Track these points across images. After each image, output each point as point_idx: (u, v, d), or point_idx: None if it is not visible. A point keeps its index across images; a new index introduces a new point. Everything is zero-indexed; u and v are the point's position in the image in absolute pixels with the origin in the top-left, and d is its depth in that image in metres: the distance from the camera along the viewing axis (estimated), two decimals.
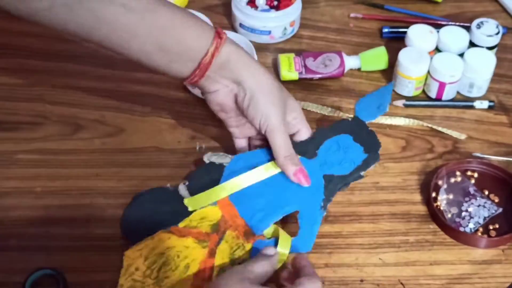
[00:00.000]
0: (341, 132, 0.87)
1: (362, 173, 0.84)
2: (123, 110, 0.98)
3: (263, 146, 0.86)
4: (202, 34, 0.80)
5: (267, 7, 1.10)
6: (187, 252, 0.78)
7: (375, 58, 1.05)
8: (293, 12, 1.08)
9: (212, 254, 0.77)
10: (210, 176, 0.84)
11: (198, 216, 0.81)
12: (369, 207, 0.88)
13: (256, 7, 1.10)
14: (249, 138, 0.90)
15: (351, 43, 1.11)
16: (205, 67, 0.80)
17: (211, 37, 0.80)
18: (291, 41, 1.11)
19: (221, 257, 0.78)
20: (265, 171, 0.83)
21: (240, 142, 0.89)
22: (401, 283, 0.81)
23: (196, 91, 0.97)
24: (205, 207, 0.82)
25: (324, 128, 0.89)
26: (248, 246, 0.79)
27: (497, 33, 1.03)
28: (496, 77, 1.03)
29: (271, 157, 0.83)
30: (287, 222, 0.84)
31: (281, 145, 0.82)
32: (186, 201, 0.82)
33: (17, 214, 0.85)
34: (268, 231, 0.81)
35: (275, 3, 1.10)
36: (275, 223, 0.82)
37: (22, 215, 0.85)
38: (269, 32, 1.08)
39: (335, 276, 0.81)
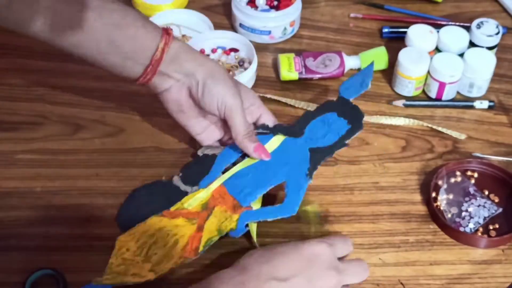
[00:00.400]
0: (326, 111, 0.88)
1: (347, 141, 0.85)
2: (123, 110, 0.98)
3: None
4: (152, 32, 0.82)
5: (267, 7, 1.10)
6: (177, 230, 0.80)
7: (375, 58, 1.04)
8: (293, 12, 1.08)
9: (200, 229, 0.79)
10: (203, 166, 0.86)
11: (188, 199, 0.83)
12: (369, 207, 0.88)
13: (256, 7, 1.10)
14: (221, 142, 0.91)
15: (351, 43, 1.11)
16: (156, 63, 0.82)
17: (159, 34, 0.82)
18: (291, 41, 1.11)
19: (209, 230, 0.79)
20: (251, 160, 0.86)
21: None
22: (401, 283, 0.81)
23: None
24: (198, 191, 0.84)
25: (309, 111, 0.90)
26: (235, 217, 0.81)
27: (497, 33, 1.03)
28: (496, 77, 1.03)
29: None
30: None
31: (240, 124, 0.84)
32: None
33: (17, 214, 0.85)
34: (255, 202, 0.83)
35: (275, 3, 1.10)
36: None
37: (22, 215, 0.85)
38: (269, 32, 1.08)
39: None
